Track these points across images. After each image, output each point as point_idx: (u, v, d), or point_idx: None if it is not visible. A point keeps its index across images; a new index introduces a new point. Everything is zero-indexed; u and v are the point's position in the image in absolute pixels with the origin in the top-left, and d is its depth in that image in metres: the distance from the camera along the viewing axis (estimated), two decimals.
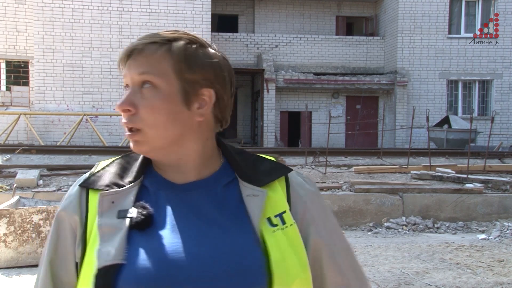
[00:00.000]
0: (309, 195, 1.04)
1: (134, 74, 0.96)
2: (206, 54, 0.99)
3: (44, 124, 16.29)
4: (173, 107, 0.96)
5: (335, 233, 1.05)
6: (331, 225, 1.04)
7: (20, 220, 5.58)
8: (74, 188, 1.03)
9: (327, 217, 1.04)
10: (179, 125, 0.97)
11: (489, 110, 19.23)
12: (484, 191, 8.74)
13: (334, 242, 1.03)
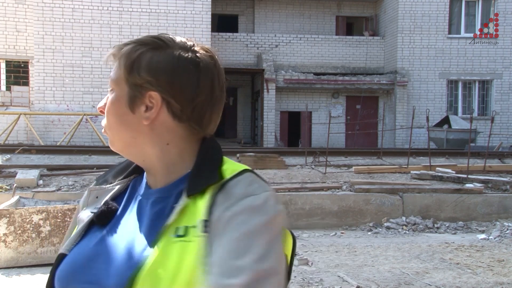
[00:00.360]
0: (232, 211, 0.87)
1: (110, 81, 1.03)
2: (154, 57, 0.98)
3: (44, 124, 16.29)
4: (119, 109, 0.99)
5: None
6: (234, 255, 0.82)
7: (20, 220, 5.58)
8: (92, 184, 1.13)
9: (237, 244, 0.83)
10: (127, 128, 0.99)
11: (489, 110, 19.23)
12: (484, 191, 8.74)
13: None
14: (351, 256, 6.23)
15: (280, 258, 0.86)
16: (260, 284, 0.79)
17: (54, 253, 5.68)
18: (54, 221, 5.70)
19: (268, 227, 0.85)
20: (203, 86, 0.98)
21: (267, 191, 0.91)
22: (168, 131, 0.98)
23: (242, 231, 0.84)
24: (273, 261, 0.83)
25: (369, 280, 5.22)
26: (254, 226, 0.84)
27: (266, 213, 0.87)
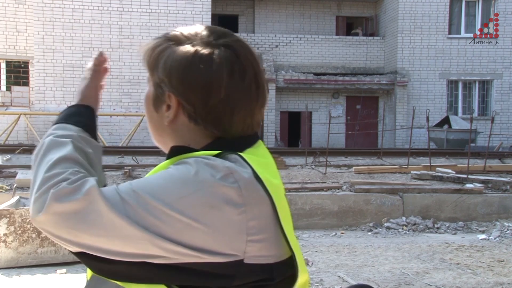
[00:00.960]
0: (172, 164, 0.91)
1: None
2: (171, 55, 0.94)
3: (44, 124, 16.29)
4: (148, 106, 1.01)
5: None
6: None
7: (20, 220, 5.58)
8: None
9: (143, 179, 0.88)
10: (155, 126, 1.01)
11: (489, 110, 19.23)
12: (484, 191, 8.74)
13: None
14: (351, 256, 6.23)
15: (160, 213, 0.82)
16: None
17: (54, 253, 5.68)
18: None
19: (176, 178, 0.85)
20: (217, 87, 0.91)
21: (207, 160, 0.87)
22: (189, 131, 0.96)
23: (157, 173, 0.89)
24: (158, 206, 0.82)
25: (369, 280, 5.22)
26: (166, 172, 0.88)
27: (186, 174, 0.85)
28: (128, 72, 16.91)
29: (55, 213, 0.82)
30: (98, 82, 1.12)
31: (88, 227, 0.81)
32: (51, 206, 0.82)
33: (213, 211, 0.83)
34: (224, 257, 0.83)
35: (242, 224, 0.84)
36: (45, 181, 0.85)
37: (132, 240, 0.81)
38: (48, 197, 0.82)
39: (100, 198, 0.81)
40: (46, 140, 0.94)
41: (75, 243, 0.83)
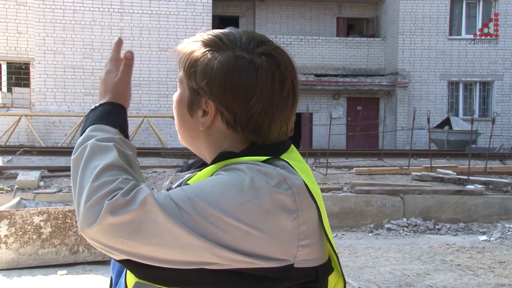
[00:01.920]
0: (219, 170, 0.91)
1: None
2: (211, 62, 0.93)
3: (45, 125, 16.30)
4: (181, 109, 0.99)
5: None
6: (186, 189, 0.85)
7: (21, 222, 5.59)
8: None
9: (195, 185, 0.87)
10: (187, 129, 0.99)
11: (490, 112, 19.22)
12: (485, 193, 8.73)
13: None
14: (352, 258, 6.22)
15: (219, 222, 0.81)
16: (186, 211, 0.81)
17: (55, 254, 5.69)
18: (55, 223, 5.70)
19: (233, 185, 0.84)
20: (259, 95, 0.91)
21: (259, 167, 0.87)
22: (224, 138, 0.96)
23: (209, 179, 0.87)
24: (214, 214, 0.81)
25: (370, 282, 5.22)
26: (219, 177, 0.86)
27: (241, 173, 0.85)
28: None
29: (110, 224, 0.79)
30: (130, 78, 1.08)
31: (143, 237, 0.79)
32: (106, 219, 0.79)
33: (270, 218, 0.83)
34: (277, 262, 0.84)
35: (294, 230, 0.85)
36: (94, 191, 0.82)
37: (189, 248, 0.80)
38: (102, 209, 0.79)
39: (157, 207, 0.79)
40: (88, 144, 0.90)
41: (128, 252, 0.81)
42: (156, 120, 16.22)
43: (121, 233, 0.79)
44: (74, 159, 0.90)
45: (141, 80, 16.93)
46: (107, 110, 1.00)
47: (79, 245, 5.77)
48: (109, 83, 1.04)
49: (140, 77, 16.93)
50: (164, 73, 17.05)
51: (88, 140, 0.91)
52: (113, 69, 1.07)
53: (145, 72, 16.93)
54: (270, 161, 0.90)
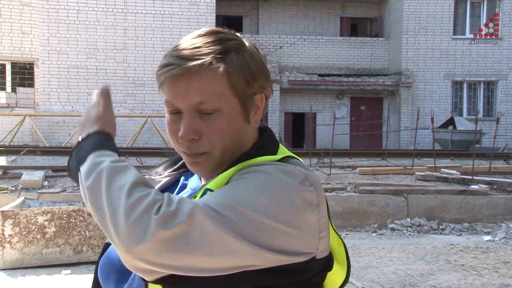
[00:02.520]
0: (243, 170, 0.92)
1: (187, 102, 0.92)
2: (252, 58, 0.97)
3: (49, 125, 16.35)
4: (237, 125, 0.96)
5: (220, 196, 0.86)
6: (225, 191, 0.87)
7: (25, 221, 5.60)
8: None
9: (231, 185, 0.89)
10: (241, 137, 0.98)
11: (494, 111, 19.16)
12: (489, 193, 8.70)
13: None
14: (356, 258, 6.21)
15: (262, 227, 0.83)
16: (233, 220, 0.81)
17: (59, 254, 5.70)
18: (59, 222, 5.71)
19: (266, 187, 0.86)
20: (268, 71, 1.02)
21: (282, 166, 0.91)
22: (245, 130, 1.00)
23: (237, 180, 0.89)
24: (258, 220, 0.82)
25: (373, 282, 5.21)
26: (248, 180, 0.87)
27: (270, 175, 0.88)
28: (132, 74, 16.94)
29: (161, 240, 0.76)
30: (112, 108, 1.05)
31: (193, 248, 0.77)
32: (157, 233, 0.75)
33: (300, 215, 0.86)
34: (305, 256, 0.87)
35: (317, 224, 0.90)
36: (132, 207, 0.78)
37: (237, 255, 0.80)
38: (150, 224, 0.76)
39: (205, 217, 0.79)
40: (104, 168, 0.85)
41: (175, 267, 0.78)
42: (159, 120, 16.23)
43: (172, 247, 0.76)
44: (89, 186, 0.85)
45: (144, 80, 16.95)
46: (101, 138, 0.96)
47: (83, 245, 5.78)
48: (94, 115, 1.00)
49: (144, 77, 16.96)
50: None
51: (98, 165, 0.87)
52: (97, 103, 1.04)
53: (149, 72, 16.95)
54: (285, 159, 0.95)
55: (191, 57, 0.91)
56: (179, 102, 0.93)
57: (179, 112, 0.94)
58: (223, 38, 0.95)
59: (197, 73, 0.91)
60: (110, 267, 0.96)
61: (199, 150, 0.94)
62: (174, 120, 0.95)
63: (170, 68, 0.91)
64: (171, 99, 0.93)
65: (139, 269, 0.79)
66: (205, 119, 0.93)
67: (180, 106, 0.93)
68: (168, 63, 0.92)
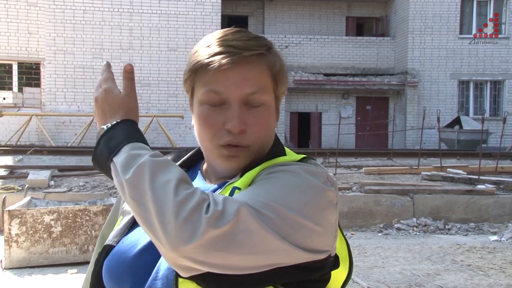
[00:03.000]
0: (269, 169, 0.93)
1: (241, 91, 0.92)
2: (281, 61, 1.01)
3: (55, 125, 16.41)
4: (273, 122, 0.99)
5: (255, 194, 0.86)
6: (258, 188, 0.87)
7: (31, 221, 5.63)
8: None
9: (263, 183, 0.89)
10: (270, 137, 1.00)
11: (501, 111, 19.07)
12: (496, 192, 8.66)
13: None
14: (362, 257, 6.20)
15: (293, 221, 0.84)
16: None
17: (65, 253, 5.72)
18: (65, 222, 5.73)
19: (296, 186, 0.87)
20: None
21: (307, 166, 0.93)
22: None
23: (267, 177, 0.90)
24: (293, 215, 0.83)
25: (379, 282, 5.20)
26: (278, 179, 0.88)
27: (299, 176, 0.89)
28: (138, 73, 16.97)
29: (209, 238, 0.75)
30: (135, 92, 1.03)
31: (237, 247, 0.77)
32: (207, 232, 0.75)
33: (324, 213, 0.88)
34: (324, 254, 0.88)
35: (335, 222, 0.92)
36: (181, 206, 0.77)
37: (274, 252, 0.80)
38: (200, 223, 0.76)
39: (250, 216, 0.78)
40: (146, 162, 0.84)
41: (218, 265, 0.78)
42: (165, 119, 16.28)
43: (218, 245, 0.76)
44: (130, 179, 0.83)
45: (150, 80, 16.99)
46: (132, 128, 0.94)
47: (89, 244, 5.80)
48: (116, 100, 0.97)
49: (150, 77, 16.99)
50: (173, 73, 17.09)
51: (137, 158, 0.85)
52: (113, 86, 1.01)
53: (155, 72, 16.99)
54: (305, 160, 0.98)
55: (245, 47, 0.91)
56: (229, 92, 0.92)
57: (221, 104, 0.93)
58: (258, 36, 0.97)
59: (250, 64, 0.92)
60: (123, 269, 0.93)
61: (244, 142, 0.93)
62: (214, 112, 0.94)
63: (225, 56, 0.90)
64: (220, 88, 0.92)
65: (180, 266, 0.78)
66: (251, 111, 0.93)
67: (230, 96, 0.92)
68: (220, 52, 0.91)
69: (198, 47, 0.97)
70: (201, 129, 0.95)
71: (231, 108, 0.92)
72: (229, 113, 0.92)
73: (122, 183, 0.84)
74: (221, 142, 0.93)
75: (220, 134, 0.93)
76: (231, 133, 0.92)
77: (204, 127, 0.94)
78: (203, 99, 0.94)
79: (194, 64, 0.94)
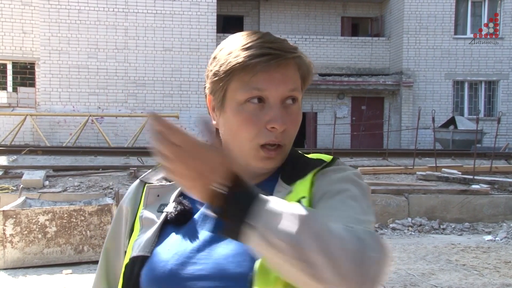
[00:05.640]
0: (327, 181, 0.95)
1: (284, 89, 0.94)
2: (309, 60, 1.03)
3: (50, 125, 16.36)
4: (300, 119, 1.02)
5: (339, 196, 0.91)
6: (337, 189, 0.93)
7: (26, 221, 5.61)
8: (136, 182, 1.10)
9: (338, 186, 0.93)
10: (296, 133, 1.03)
11: (495, 111, 19.14)
12: (491, 192, 8.69)
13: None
14: None
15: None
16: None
17: (60, 253, 5.70)
18: (60, 222, 5.72)
19: (364, 195, 0.95)
20: None
21: (354, 171, 1.00)
22: None
23: (345, 195, 0.92)
24: (371, 218, 0.91)
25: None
26: (354, 192, 0.93)
27: (359, 184, 0.96)
28: (133, 73, 16.95)
29: (379, 275, 0.76)
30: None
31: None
32: (379, 271, 0.76)
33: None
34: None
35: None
36: (356, 252, 0.74)
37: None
38: (380, 262, 0.76)
39: (387, 247, 0.80)
40: (298, 214, 0.74)
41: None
42: None
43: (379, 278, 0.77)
44: (290, 241, 0.73)
45: (146, 79, 16.96)
46: (248, 186, 0.78)
47: (84, 245, 5.79)
48: (213, 157, 0.78)
49: (145, 77, 16.97)
50: (168, 72, 17.07)
51: (294, 211, 0.76)
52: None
53: (150, 72, 16.96)
54: (336, 160, 1.03)
55: (284, 49, 0.94)
56: (272, 91, 0.94)
57: (262, 103, 0.94)
58: (283, 38, 1.00)
59: (289, 65, 0.95)
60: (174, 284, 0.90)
61: (283, 141, 0.96)
62: (256, 112, 0.94)
63: (270, 57, 0.92)
64: (264, 87, 0.93)
65: None
66: (288, 111, 0.96)
67: (272, 95, 0.94)
68: (264, 53, 0.92)
69: (231, 47, 0.95)
70: (242, 128, 0.94)
71: (272, 107, 0.94)
72: (271, 112, 0.93)
73: (277, 246, 0.74)
74: (262, 142, 0.94)
75: (261, 134, 0.94)
76: (272, 132, 0.94)
77: (247, 126, 0.94)
78: (244, 98, 0.93)
79: (234, 65, 0.92)
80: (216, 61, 0.97)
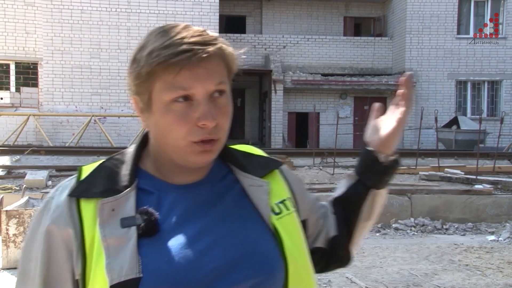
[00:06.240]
0: (296, 180, 1.13)
1: (210, 84, 0.91)
2: (230, 46, 1.01)
3: (53, 125, 16.38)
4: (232, 108, 0.97)
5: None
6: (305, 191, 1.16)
7: (29, 221, 5.61)
8: (60, 197, 0.95)
9: (304, 188, 1.16)
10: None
11: (499, 111, 19.10)
12: (494, 192, 8.68)
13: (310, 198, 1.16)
14: (359, 257, 6.20)
15: None
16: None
17: None
18: None
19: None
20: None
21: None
22: None
23: (302, 184, 1.16)
24: None
25: (377, 282, 5.20)
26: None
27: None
28: None
29: None
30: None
31: None
32: None
33: None
34: None
35: None
36: None
37: None
38: None
39: None
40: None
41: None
42: None
43: None
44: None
45: None
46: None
47: None
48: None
49: None
50: None
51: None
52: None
53: None
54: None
55: (205, 42, 0.91)
56: (198, 88, 0.90)
57: (189, 101, 0.91)
58: (203, 29, 0.96)
59: (211, 58, 0.91)
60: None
61: (216, 136, 0.93)
62: (184, 110, 0.91)
63: (191, 54, 0.89)
64: (188, 85, 0.90)
65: None
66: (216, 104, 0.92)
67: (199, 91, 0.90)
68: (185, 50, 0.89)
69: (151, 47, 0.93)
70: (172, 129, 0.91)
71: (200, 104, 0.90)
72: (200, 109, 0.90)
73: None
74: (195, 139, 0.91)
75: (193, 131, 0.91)
76: (204, 129, 0.91)
77: (177, 126, 0.91)
78: (170, 98, 0.90)
79: (155, 66, 0.90)
80: (136, 63, 0.94)
